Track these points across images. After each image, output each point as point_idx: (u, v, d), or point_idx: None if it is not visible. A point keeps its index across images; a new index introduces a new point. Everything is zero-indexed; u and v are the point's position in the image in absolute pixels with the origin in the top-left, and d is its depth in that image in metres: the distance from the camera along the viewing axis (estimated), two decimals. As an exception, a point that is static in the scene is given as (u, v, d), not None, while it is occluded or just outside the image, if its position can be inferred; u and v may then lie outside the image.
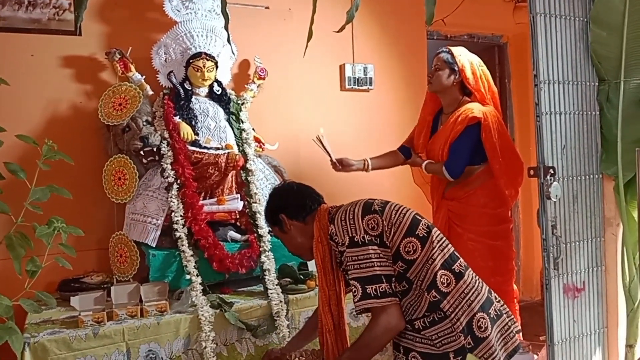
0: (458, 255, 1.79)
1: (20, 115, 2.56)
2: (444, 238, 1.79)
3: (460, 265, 1.76)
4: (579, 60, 2.21)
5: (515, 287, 2.71)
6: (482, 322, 1.70)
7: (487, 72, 2.66)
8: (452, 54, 2.59)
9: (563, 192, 2.13)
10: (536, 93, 2.09)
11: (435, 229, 1.79)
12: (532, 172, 2.13)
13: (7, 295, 1.43)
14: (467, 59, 2.59)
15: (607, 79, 2.24)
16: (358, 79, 3.38)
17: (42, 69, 2.62)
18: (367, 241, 1.68)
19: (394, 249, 1.70)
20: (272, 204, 1.95)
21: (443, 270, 1.70)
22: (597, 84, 2.26)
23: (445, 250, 1.75)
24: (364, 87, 3.41)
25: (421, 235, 1.72)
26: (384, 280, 1.66)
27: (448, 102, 2.64)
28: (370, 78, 3.42)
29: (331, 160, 2.72)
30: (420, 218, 1.78)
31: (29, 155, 2.31)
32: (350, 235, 1.70)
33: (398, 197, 3.42)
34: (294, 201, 1.91)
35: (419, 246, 1.70)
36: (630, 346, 2.31)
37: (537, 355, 2.81)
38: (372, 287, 1.65)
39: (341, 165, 2.72)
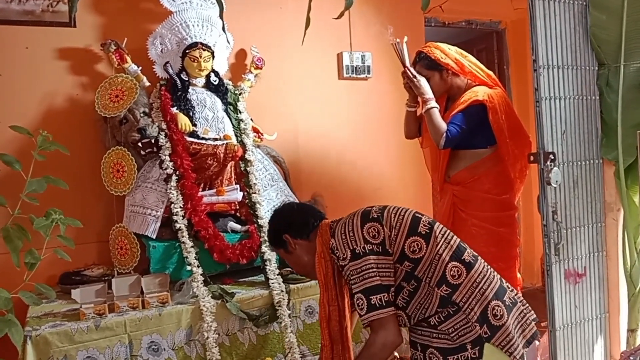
0: (465, 246, 1.78)
1: (16, 108, 2.54)
2: (448, 231, 1.78)
3: (469, 254, 1.75)
4: (578, 44, 2.18)
5: (519, 275, 2.70)
6: (497, 310, 1.68)
7: (472, 58, 2.64)
8: (429, 59, 2.57)
9: (563, 178, 2.12)
10: (535, 78, 2.07)
11: (438, 223, 1.78)
12: (532, 158, 2.12)
13: (7, 288, 1.43)
14: (449, 59, 2.56)
15: (606, 63, 2.22)
16: (356, 67, 3.36)
17: (37, 61, 2.60)
18: (367, 251, 1.67)
19: (399, 251, 1.69)
20: (275, 225, 1.92)
21: (453, 262, 1.69)
22: (596, 68, 2.24)
23: (451, 243, 1.73)
24: (362, 76, 3.39)
25: (424, 232, 1.71)
26: (385, 289, 1.66)
27: (454, 93, 2.64)
28: (368, 66, 3.39)
29: (405, 67, 2.60)
30: (420, 216, 1.77)
31: (24, 148, 2.31)
32: (352, 247, 1.68)
33: (397, 183, 3.42)
34: (297, 220, 1.88)
35: (424, 244, 1.70)
36: (632, 331, 2.31)
37: (539, 341, 2.81)
38: (376, 297, 1.65)
39: (410, 80, 2.58)
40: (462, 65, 2.58)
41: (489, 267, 1.78)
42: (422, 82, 2.56)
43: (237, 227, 2.63)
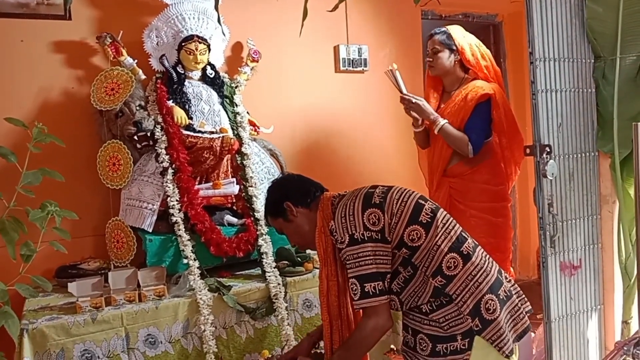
0: (466, 236, 1.76)
1: (12, 101, 2.53)
2: (450, 219, 1.75)
3: (469, 246, 1.72)
4: (574, 37, 2.18)
5: (511, 268, 2.71)
6: (490, 304, 1.67)
7: (488, 51, 2.65)
8: (448, 34, 2.57)
9: (559, 170, 2.12)
10: (532, 71, 2.07)
11: (441, 211, 1.75)
12: (528, 151, 2.12)
13: (3, 281, 1.43)
14: (465, 41, 2.58)
15: (603, 56, 2.23)
16: (353, 60, 3.35)
17: (32, 54, 2.59)
18: (366, 238, 1.66)
19: (398, 238, 1.68)
20: (275, 194, 1.90)
21: (451, 254, 1.68)
22: (593, 60, 2.24)
23: (452, 233, 1.71)
24: (359, 69, 3.38)
25: (425, 221, 1.69)
26: (380, 277, 1.66)
27: (450, 82, 2.63)
28: (365, 59, 3.39)
29: (402, 93, 2.59)
30: (423, 202, 1.74)
31: (20, 140, 2.30)
32: (350, 232, 1.67)
33: (394, 175, 3.42)
34: (297, 187, 1.88)
35: (423, 233, 1.68)
36: (626, 322, 2.32)
37: (534, 333, 2.83)
38: (370, 285, 1.64)
39: (410, 105, 2.56)
40: (474, 53, 2.57)
41: (487, 257, 1.77)
42: (422, 103, 2.56)
43: (234, 220, 2.63)
